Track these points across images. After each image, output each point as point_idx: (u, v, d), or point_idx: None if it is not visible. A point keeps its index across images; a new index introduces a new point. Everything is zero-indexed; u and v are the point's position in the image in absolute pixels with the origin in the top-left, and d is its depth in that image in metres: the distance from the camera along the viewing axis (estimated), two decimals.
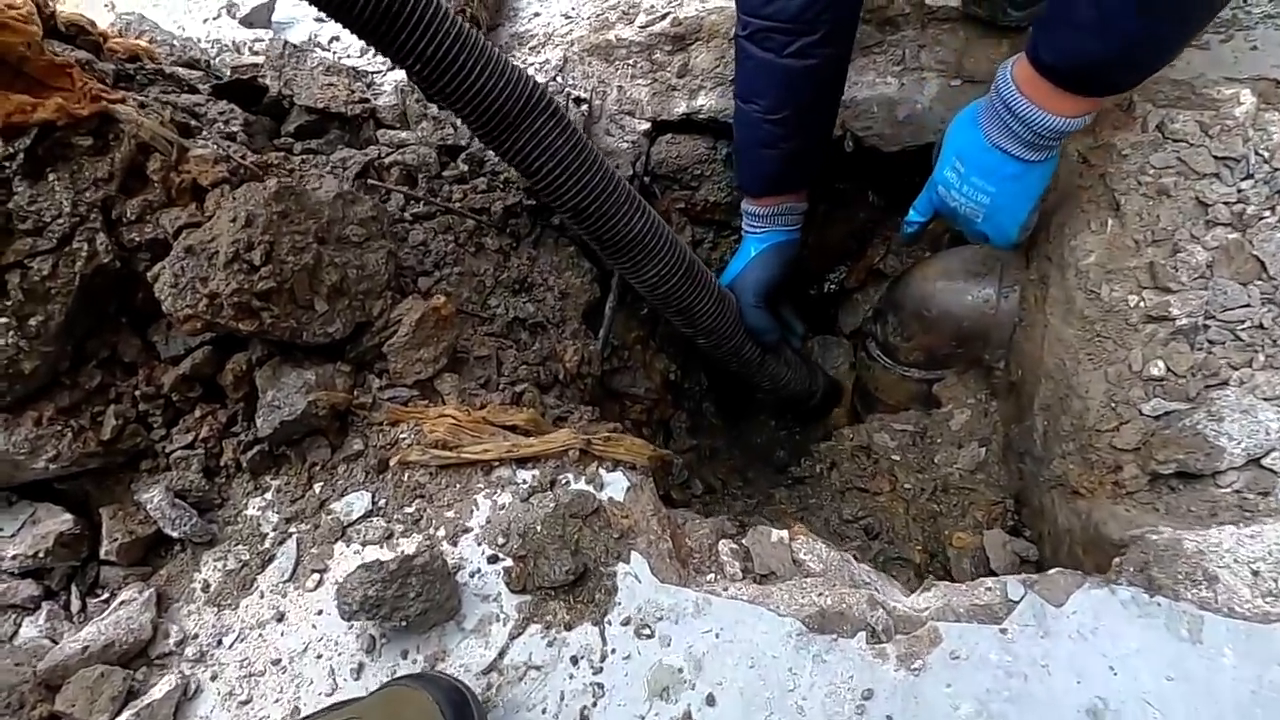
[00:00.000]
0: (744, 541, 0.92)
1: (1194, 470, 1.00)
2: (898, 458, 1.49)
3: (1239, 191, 1.15)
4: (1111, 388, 1.12)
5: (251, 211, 0.99)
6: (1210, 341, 1.09)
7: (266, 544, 0.96)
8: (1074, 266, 1.22)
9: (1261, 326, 1.06)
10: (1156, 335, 1.12)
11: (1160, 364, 1.09)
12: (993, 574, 1.19)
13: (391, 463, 0.99)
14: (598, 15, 1.64)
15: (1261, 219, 1.12)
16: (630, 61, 1.62)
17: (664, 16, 1.60)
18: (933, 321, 1.47)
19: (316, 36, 1.71)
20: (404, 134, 1.32)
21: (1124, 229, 1.21)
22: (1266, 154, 1.16)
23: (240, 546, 0.96)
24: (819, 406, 1.83)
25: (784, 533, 0.91)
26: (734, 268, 1.50)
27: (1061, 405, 1.19)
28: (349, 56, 1.63)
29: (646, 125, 1.64)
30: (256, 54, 1.52)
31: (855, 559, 0.92)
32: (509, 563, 0.89)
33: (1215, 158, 1.19)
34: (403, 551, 0.91)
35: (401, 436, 1.01)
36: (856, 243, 1.93)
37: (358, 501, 0.97)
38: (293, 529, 0.97)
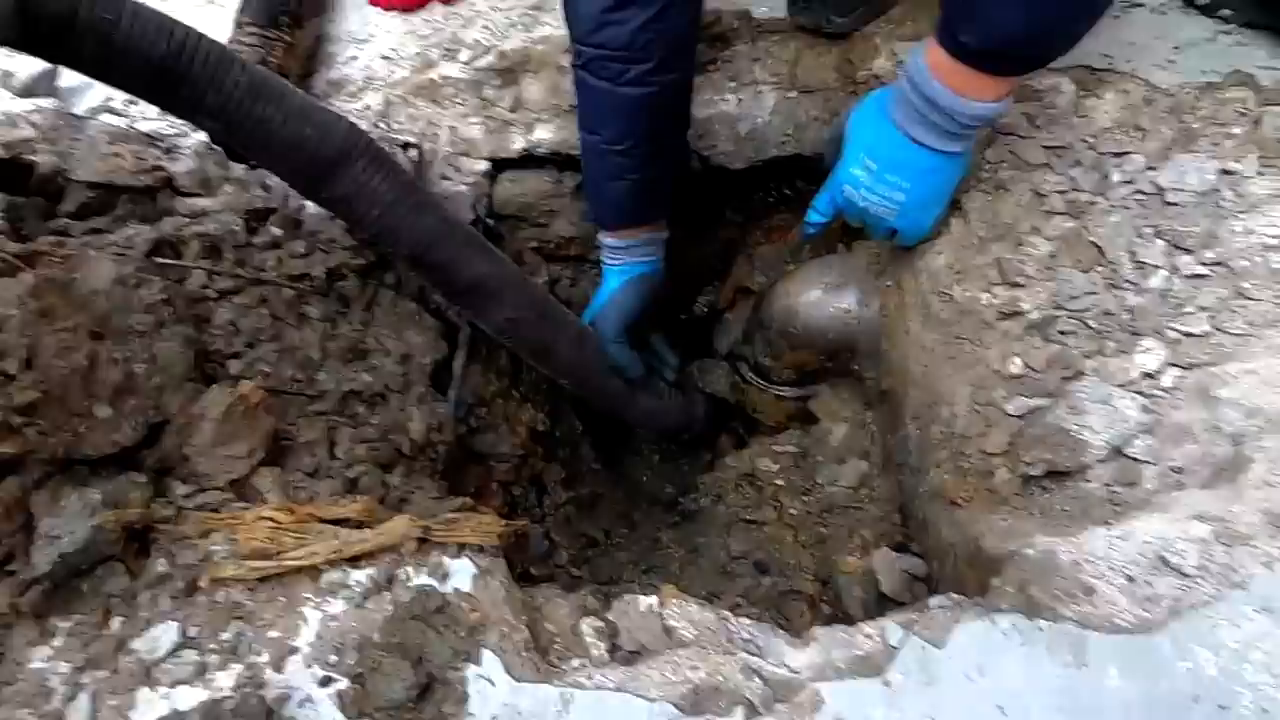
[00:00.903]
0: (610, 616, 0.84)
1: (1062, 467, 0.98)
2: (781, 482, 1.44)
3: (1070, 179, 1.15)
4: (975, 390, 1.10)
5: (2, 314, 0.85)
6: (1062, 333, 1.08)
7: (54, 702, 0.81)
8: (925, 270, 1.20)
9: (1108, 313, 1.06)
10: (1011, 332, 1.11)
11: (1018, 360, 1.07)
12: (884, 598, 1.14)
13: (201, 583, 0.86)
14: (419, 54, 1.55)
15: (1094, 204, 1.12)
16: (459, 100, 1.53)
17: (488, 50, 1.52)
18: (800, 338, 1.43)
19: (110, 101, 1.55)
20: (205, 201, 1.19)
21: (968, 227, 1.19)
22: (1090, 139, 1.17)
23: (22, 711, 0.81)
24: (704, 434, 1.77)
25: (653, 600, 0.83)
26: (595, 303, 1.43)
27: (930, 413, 1.16)
28: (147, 119, 1.48)
29: (484, 165, 1.55)
30: (32, 126, 1.36)
31: (734, 614, 0.85)
32: (343, 684, 0.77)
33: (1044, 148, 1.19)
34: (217, 688, 0.79)
35: (213, 549, 0.88)
36: (721, 262, 1.90)
37: (164, 634, 0.84)
38: (86, 679, 0.82)
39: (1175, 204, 1.09)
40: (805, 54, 1.42)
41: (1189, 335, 1.00)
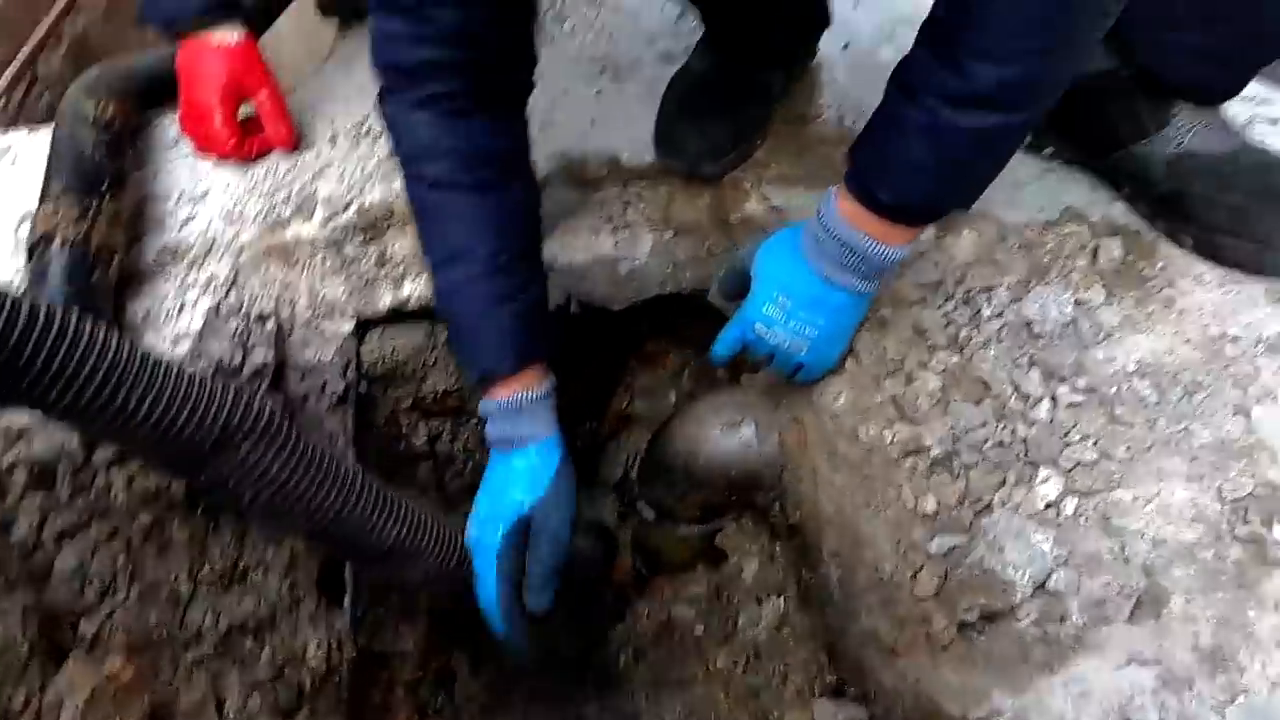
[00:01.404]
0: None
1: (995, 610, 1.00)
2: (700, 630, 1.40)
3: (946, 315, 1.22)
4: (894, 531, 1.11)
5: None
6: (965, 466, 1.12)
7: None
8: (826, 409, 1.23)
9: (1003, 444, 1.11)
10: (918, 469, 1.14)
11: (931, 499, 1.10)
12: None
13: None
14: (267, 213, 1.43)
15: (971, 338, 1.19)
16: (318, 260, 1.42)
17: (347, 206, 1.44)
18: (703, 476, 1.41)
19: None
20: (26, 418, 1.01)
21: (860, 366, 1.23)
22: (956, 275, 1.25)
23: None
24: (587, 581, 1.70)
25: None
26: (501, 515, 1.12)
27: (853, 554, 1.16)
28: None
29: (350, 325, 1.45)
30: None
31: None
32: None
33: (917, 285, 1.26)
34: None
35: None
36: (601, 395, 1.86)
37: None
38: None
39: (1041, 335, 1.17)
40: (678, 196, 1.44)
41: (1080, 463, 1.06)
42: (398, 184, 1.45)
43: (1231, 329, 1.13)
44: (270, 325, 1.31)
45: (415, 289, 1.45)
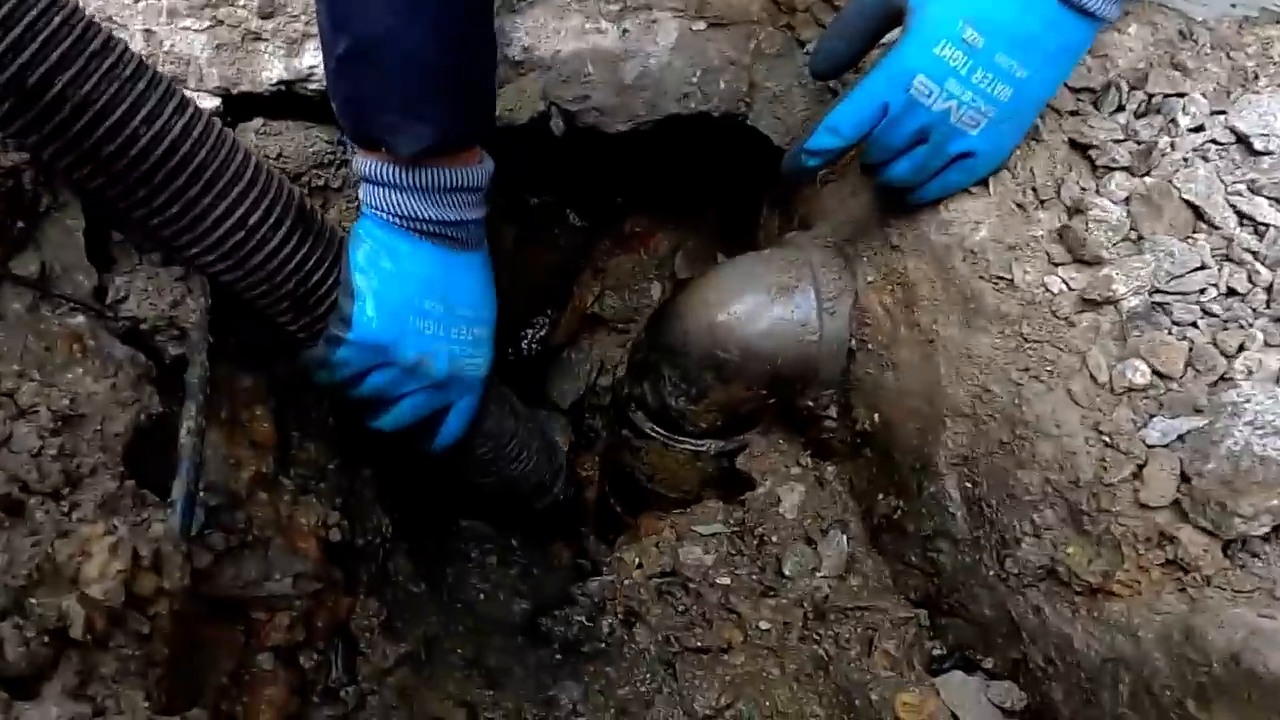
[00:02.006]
0: None
1: None
2: (726, 580, 0.96)
3: (1122, 126, 0.86)
4: (1088, 413, 0.73)
5: None
6: (1178, 323, 0.75)
7: None
8: (959, 247, 0.83)
9: (1234, 292, 0.75)
10: (1102, 327, 0.76)
11: (1139, 365, 0.72)
12: None
13: None
14: None
15: (1165, 155, 0.82)
16: None
17: None
18: (735, 367, 0.99)
19: None
20: None
21: (1004, 188, 0.85)
22: (1131, 78, 0.89)
23: None
24: (553, 509, 1.25)
25: None
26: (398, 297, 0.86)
27: (1009, 453, 0.77)
28: None
29: (214, 103, 0.94)
30: None
31: None
32: None
33: (1070, 90, 0.89)
34: None
35: None
36: (560, 281, 1.40)
37: None
38: None
39: (1267, 153, 0.82)
40: None
41: None
42: None
43: None
44: None
45: (320, 62, 0.95)
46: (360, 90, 0.80)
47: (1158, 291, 0.77)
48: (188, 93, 0.74)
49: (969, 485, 0.81)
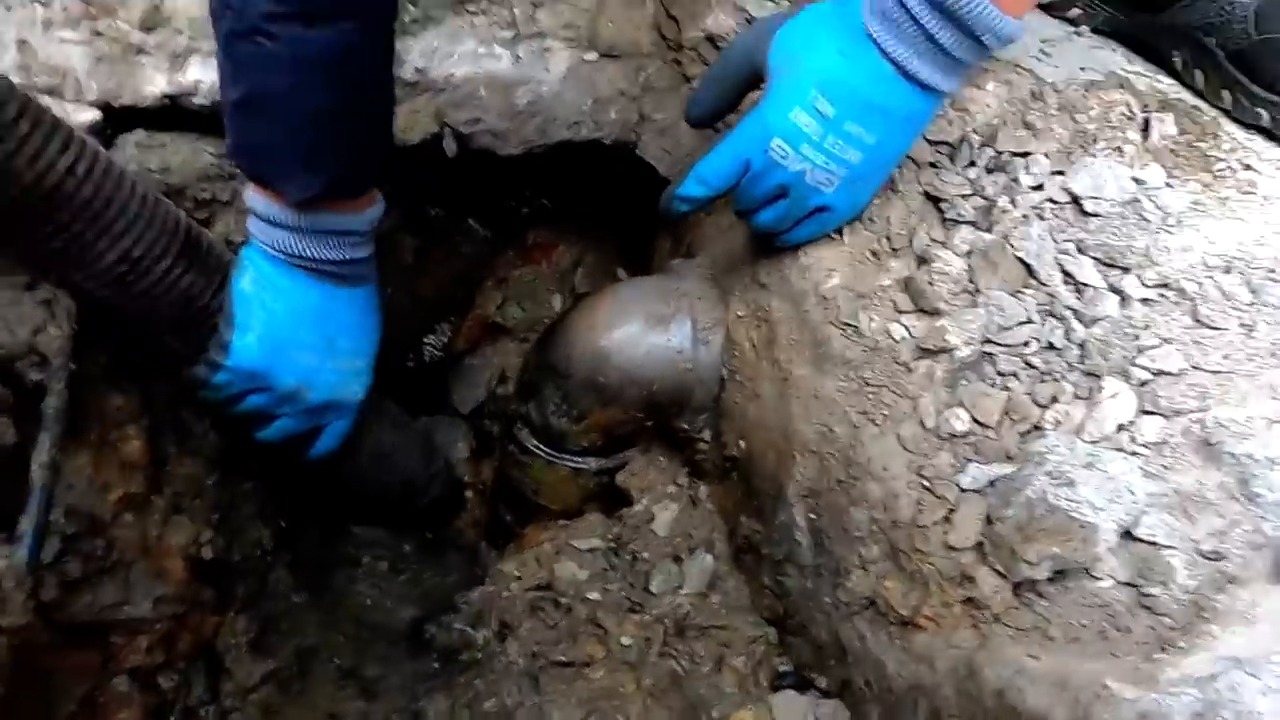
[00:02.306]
0: None
1: (1072, 564, 0.70)
2: (597, 596, 1.01)
3: (970, 182, 0.92)
4: (914, 458, 0.79)
5: None
6: (1003, 374, 0.81)
7: None
8: (814, 293, 0.88)
9: (1053, 347, 0.82)
10: (935, 374, 0.82)
11: (960, 414, 0.79)
12: None
13: None
14: None
15: (1006, 213, 0.89)
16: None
17: None
18: (613, 390, 1.03)
19: None
20: None
21: (857, 238, 0.90)
22: (981, 136, 0.95)
23: None
24: (433, 508, 1.28)
25: None
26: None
27: (844, 491, 0.82)
28: None
29: (92, 117, 0.93)
30: None
31: None
32: None
33: (929, 142, 0.94)
34: None
35: None
36: (463, 289, 1.42)
37: None
38: None
39: (1096, 215, 0.89)
40: (610, 1, 1.05)
41: (1162, 373, 0.78)
42: None
43: None
44: None
45: (208, 78, 0.96)
46: (253, 137, 0.82)
47: (988, 342, 0.83)
48: (68, 107, 0.75)
49: (813, 516, 0.87)
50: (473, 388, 1.43)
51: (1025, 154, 0.93)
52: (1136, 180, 0.91)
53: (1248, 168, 0.92)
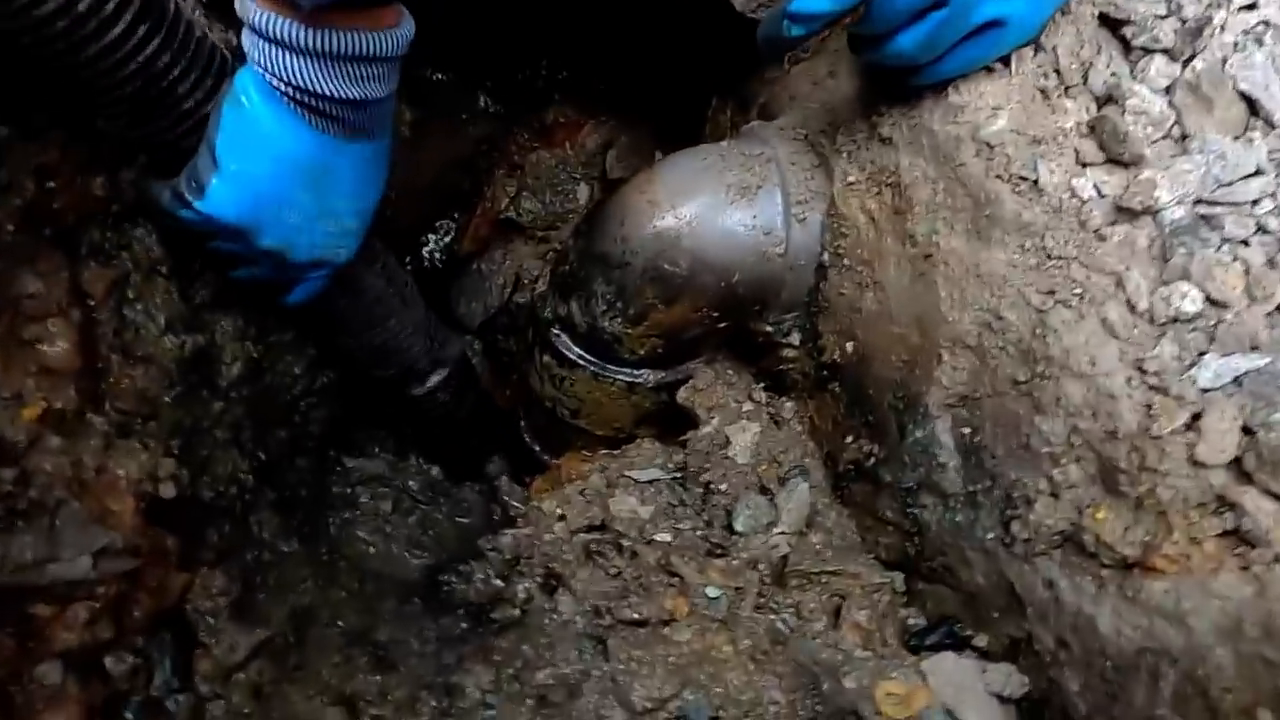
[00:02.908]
0: None
1: None
2: (667, 537, 0.81)
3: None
4: (1126, 347, 0.59)
5: None
6: (1228, 240, 0.62)
7: None
8: (971, 140, 0.67)
9: None
10: (1137, 242, 0.62)
11: (1187, 292, 0.59)
12: None
13: None
14: None
15: (1215, 37, 0.68)
16: None
17: None
18: (682, 281, 0.82)
19: None
20: None
21: (1025, 71, 0.69)
22: None
23: None
24: (441, 421, 1.06)
25: None
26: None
27: (1023, 394, 0.63)
28: None
29: None
30: None
31: None
32: None
33: None
34: None
35: None
36: (469, 179, 1.19)
37: None
38: None
39: None
40: None
41: None
42: None
43: None
44: None
45: None
46: None
47: (1202, 201, 0.63)
48: None
49: (967, 431, 0.68)
50: (482, 297, 1.20)
51: None
52: None
53: None
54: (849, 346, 0.79)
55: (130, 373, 0.71)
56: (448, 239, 1.20)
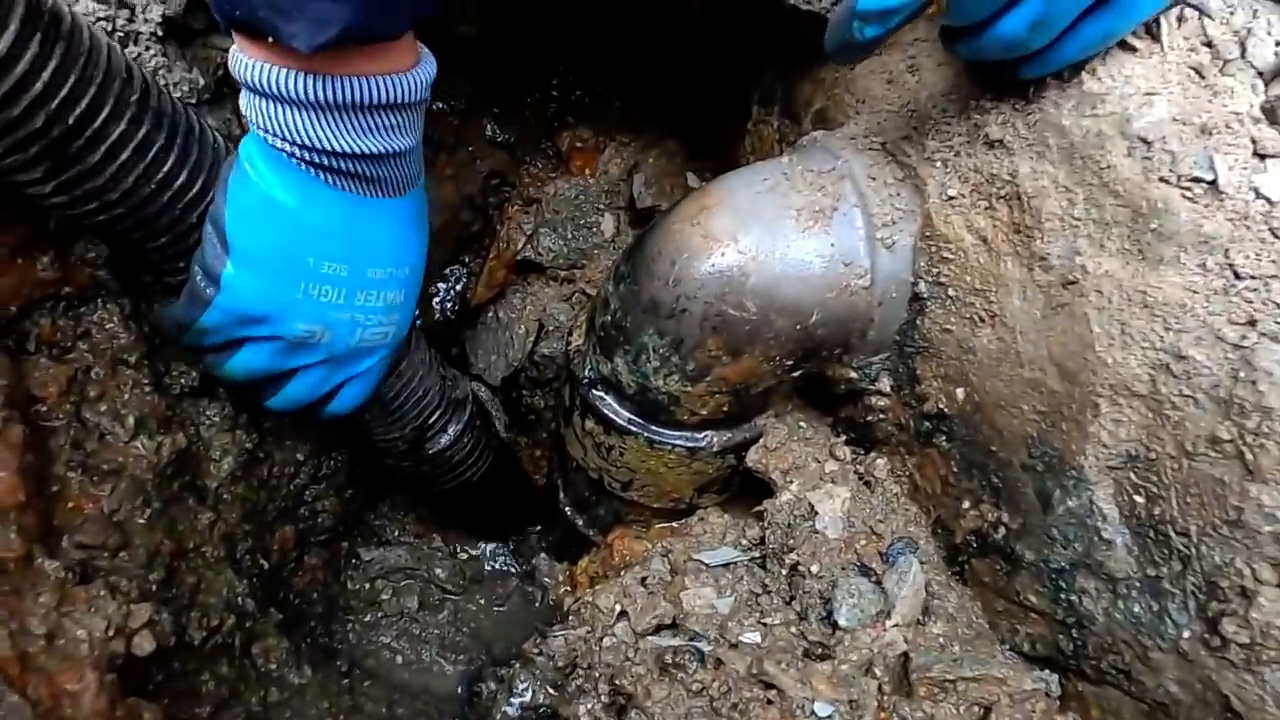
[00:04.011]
0: None
1: None
2: (755, 638, 0.68)
3: None
4: None
5: None
6: None
7: None
8: (1121, 134, 0.54)
9: None
10: None
11: None
12: None
13: None
14: None
15: None
16: None
17: None
18: (752, 329, 0.68)
19: None
20: None
21: (1175, 37, 0.56)
22: None
23: None
24: (478, 468, 0.92)
25: None
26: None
27: (1234, 455, 0.49)
28: None
29: None
30: None
31: None
32: None
33: None
34: None
35: None
36: (480, 219, 1.05)
37: None
38: None
39: None
40: None
41: None
42: None
43: None
44: None
45: None
46: None
47: None
48: None
49: (1140, 500, 0.54)
50: (502, 349, 1.07)
51: None
52: None
53: None
54: (959, 394, 0.66)
55: (94, 493, 0.58)
56: (459, 286, 1.07)
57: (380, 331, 0.67)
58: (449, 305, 1.08)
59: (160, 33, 0.66)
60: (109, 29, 0.63)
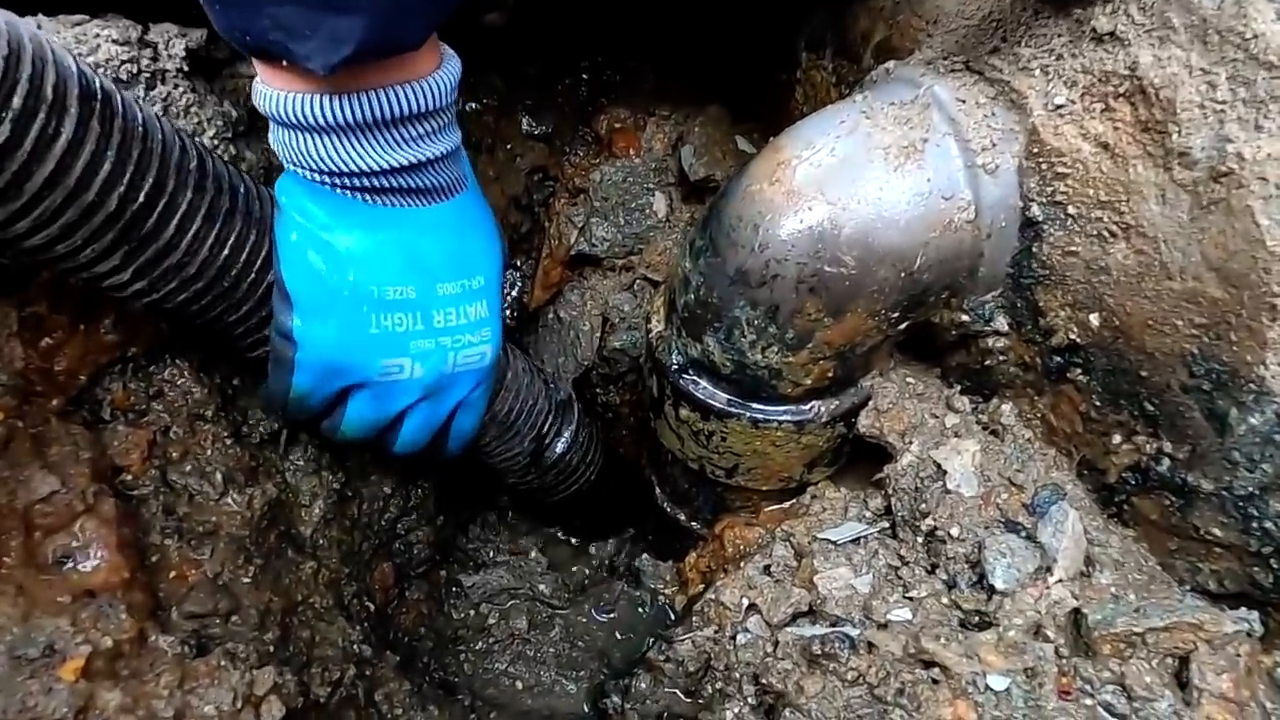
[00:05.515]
0: None
1: None
2: (905, 615, 0.62)
3: None
4: None
5: None
6: None
7: None
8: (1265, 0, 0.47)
9: None
10: None
11: None
12: None
13: None
14: None
15: None
16: None
17: None
18: (853, 284, 0.63)
19: None
20: None
21: None
22: None
23: None
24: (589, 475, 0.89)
25: None
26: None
27: None
28: None
29: None
30: None
31: None
32: None
33: None
34: None
35: None
36: (528, 218, 1.01)
37: None
38: None
39: None
40: None
41: None
42: None
43: None
44: None
45: None
46: None
47: None
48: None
49: None
50: (569, 349, 1.03)
51: None
52: None
53: None
54: (1093, 320, 0.60)
55: (194, 558, 0.55)
56: (514, 291, 1.03)
57: (475, 352, 0.63)
58: (507, 312, 1.04)
59: (186, 68, 0.63)
60: (134, 70, 0.60)
